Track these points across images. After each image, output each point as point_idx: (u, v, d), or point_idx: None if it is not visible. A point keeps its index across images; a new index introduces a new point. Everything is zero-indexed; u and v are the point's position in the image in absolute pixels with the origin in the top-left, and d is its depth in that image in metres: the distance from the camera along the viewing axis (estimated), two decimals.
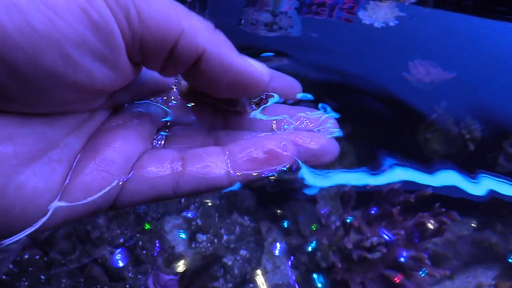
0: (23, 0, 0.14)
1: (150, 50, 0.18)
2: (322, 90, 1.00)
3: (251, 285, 0.83)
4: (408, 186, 0.73)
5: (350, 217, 0.74)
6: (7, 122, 0.16)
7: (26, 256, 0.73)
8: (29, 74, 0.15)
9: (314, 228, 0.82)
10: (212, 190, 0.21)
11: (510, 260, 0.83)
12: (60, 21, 0.15)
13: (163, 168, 0.21)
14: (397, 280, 0.66)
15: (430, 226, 0.66)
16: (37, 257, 0.74)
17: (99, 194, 0.19)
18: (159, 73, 0.20)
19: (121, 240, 0.82)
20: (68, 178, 0.18)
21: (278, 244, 0.89)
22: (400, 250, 0.68)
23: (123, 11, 0.16)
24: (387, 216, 0.72)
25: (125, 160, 0.20)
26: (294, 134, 0.23)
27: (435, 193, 0.69)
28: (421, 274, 0.68)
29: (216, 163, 0.21)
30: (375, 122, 0.94)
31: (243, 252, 0.85)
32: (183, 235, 0.85)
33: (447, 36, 1.02)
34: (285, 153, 0.21)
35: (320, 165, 0.23)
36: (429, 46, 1.02)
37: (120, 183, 0.20)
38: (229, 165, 0.21)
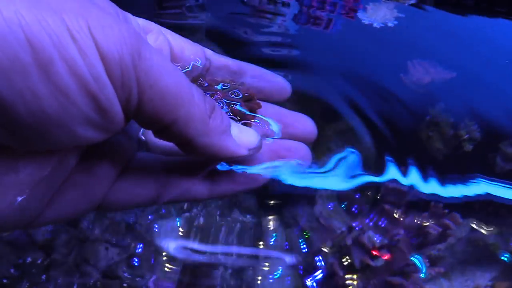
0: (38, 83, 0.15)
1: (143, 123, 0.19)
2: (320, 90, 1.00)
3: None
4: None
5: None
6: (8, 154, 0.17)
7: (29, 259, 0.73)
8: (35, 143, 0.17)
9: (307, 236, 0.83)
10: (191, 201, 0.23)
11: (502, 258, 0.85)
12: (71, 106, 0.16)
13: (147, 181, 0.23)
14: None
15: (433, 231, 0.66)
16: (39, 261, 0.74)
17: (86, 208, 0.21)
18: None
19: (114, 241, 0.82)
20: (60, 193, 0.20)
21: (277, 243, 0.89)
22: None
23: (126, 93, 0.17)
24: (389, 218, 0.73)
25: (113, 175, 0.22)
26: (275, 147, 0.25)
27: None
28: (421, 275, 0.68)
29: (199, 182, 0.23)
30: (377, 122, 0.95)
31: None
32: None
33: (447, 36, 1.03)
34: (262, 177, 0.24)
35: None
36: (428, 46, 1.03)
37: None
38: (211, 186, 0.23)
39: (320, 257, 0.79)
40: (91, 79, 0.16)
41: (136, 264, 0.80)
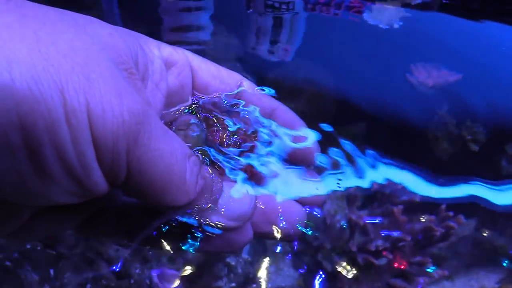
0: (24, 165, 0.14)
1: (128, 196, 0.19)
2: (327, 92, 1.00)
3: (253, 285, 0.83)
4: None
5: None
6: None
7: (28, 246, 0.73)
8: (11, 201, 0.16)
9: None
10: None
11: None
12: (54, 185, 0.15)
13: (121, 222, 0.22)
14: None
15: (438, 232, 0.66)
16: (41, 249, 0.74)
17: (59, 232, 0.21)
18: None
19: None
20: (30, 222, 0.19)
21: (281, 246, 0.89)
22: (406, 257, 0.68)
23: (113, 175, 0.16)
24: (392, 218, 0.72)
25: (87, 212, 0.21)
26: (266, 211, 0.23)
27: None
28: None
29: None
30: (383, 122, 0.94)
31: (245, 256, 0.85)
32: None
33: (452, 38, 1.02)
34: (241, 243, 0.22)
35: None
36: (433, 48, 1.02)
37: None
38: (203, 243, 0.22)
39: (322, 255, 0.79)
40: (79, 166, 0.15)
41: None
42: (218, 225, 0.20)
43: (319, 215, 0.24)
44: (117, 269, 0.77)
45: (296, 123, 0.25)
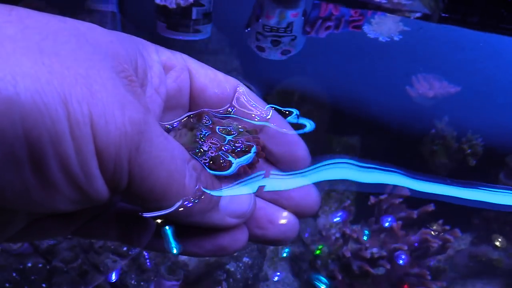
0: (29, 176, 0.15)
1: (128, 202, 0.20)
2: (325, 103, 1.01)
3: None
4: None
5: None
6: None
7: (29, 264, 0.73)
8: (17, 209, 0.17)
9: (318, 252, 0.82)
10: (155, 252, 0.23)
11: None
12: (57, 195, 0.16)
13: (112, 225, 0.22)
14: None
15: (434, 244, 0.67)
16: (40, 265, 0.74)
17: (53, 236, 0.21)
18: None
19: (125, 248, 0.82)
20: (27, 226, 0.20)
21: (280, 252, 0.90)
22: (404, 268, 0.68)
23: (115, 183, 0.17)
24: (389, 231, 0.73)
25: (84, 219, 0.21)
26: (258, 215, 0.23)
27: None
28: None
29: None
30: (380, 135, 0.95)
31: (245, 259, 0.86)
32: None
33: (452, 51, 1.03)
34: (235, 246, 0.22)
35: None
36: (433, 60, 1.03)
37: None
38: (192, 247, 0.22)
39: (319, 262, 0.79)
40: (82, 175, 0.16)
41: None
42: (220, 223, 0.21)
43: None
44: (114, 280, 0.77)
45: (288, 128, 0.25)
